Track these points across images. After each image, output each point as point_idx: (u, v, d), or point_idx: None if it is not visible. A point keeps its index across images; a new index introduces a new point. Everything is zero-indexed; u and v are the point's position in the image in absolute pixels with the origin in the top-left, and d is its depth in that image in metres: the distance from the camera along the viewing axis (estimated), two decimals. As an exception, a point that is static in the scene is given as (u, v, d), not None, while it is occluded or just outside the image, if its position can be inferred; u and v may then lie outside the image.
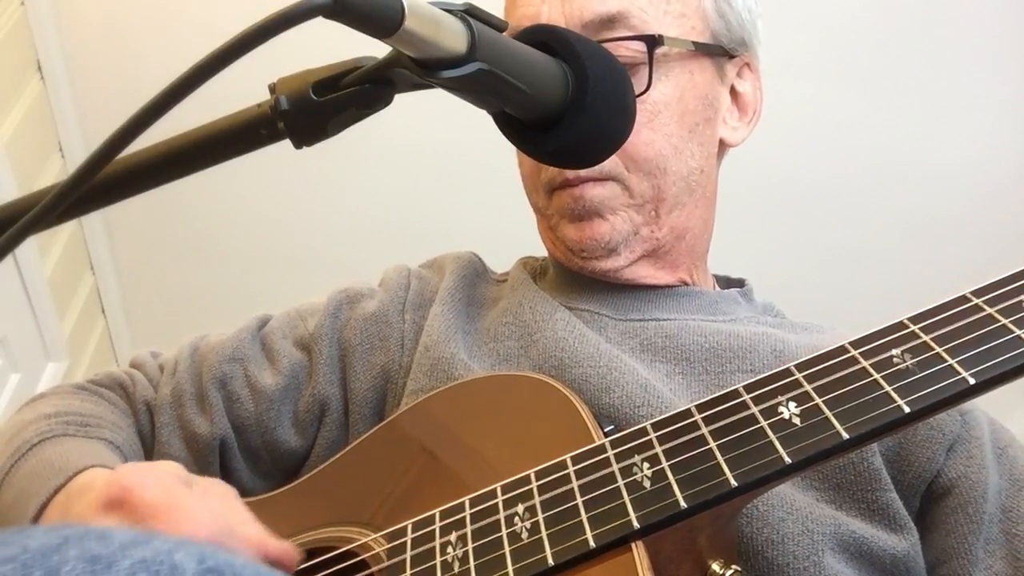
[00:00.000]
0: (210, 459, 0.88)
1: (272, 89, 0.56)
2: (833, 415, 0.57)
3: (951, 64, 2.19)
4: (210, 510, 0.64)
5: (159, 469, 0.67)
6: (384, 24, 0.49)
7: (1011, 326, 0.56)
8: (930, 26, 2.15)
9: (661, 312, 0.89)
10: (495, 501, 0.64)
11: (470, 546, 0.62)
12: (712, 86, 0.89)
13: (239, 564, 0.34)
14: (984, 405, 0.84)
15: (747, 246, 1.88)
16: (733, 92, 0.93)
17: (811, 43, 2.15)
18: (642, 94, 0.83)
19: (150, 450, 0.89)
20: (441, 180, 2.34)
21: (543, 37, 0.66)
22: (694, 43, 0.86)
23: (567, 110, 0.64)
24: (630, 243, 0.87)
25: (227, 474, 0.90)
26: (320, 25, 0.46)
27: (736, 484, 0.57)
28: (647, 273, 0.90)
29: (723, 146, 0.93)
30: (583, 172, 0.84)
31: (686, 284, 0.92)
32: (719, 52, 0.89)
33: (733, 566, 0.61)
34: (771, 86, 0.96)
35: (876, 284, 2.38)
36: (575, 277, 0.92)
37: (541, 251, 0.99)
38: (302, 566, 0.72)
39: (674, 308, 0.89)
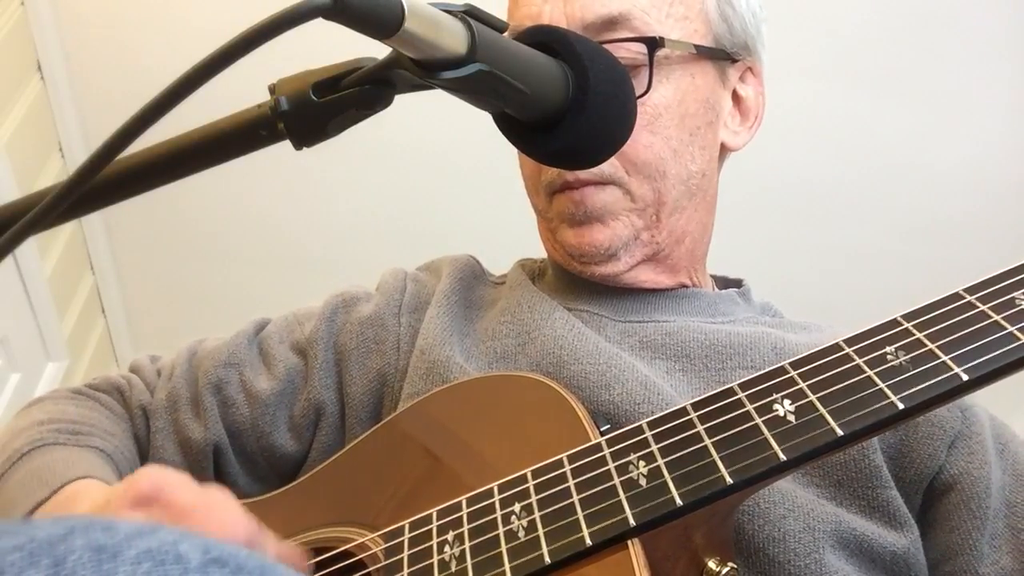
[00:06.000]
0: (203, 464, 0.88)
1: (272, 90, 0.56)
2: (827, 412, 0.58)
3: (953, 65, 2.19)
4: (240, 512, 0.63)
5: (176, 472, 0.65)
6: (384, 25, 0.49)
7: (1003, 322, 0.57)
8: (932, 27, 2.15)
9: (660, 314, 0.89)
10: (492, 500, 0.65)
11: (467, 545, 0.62)
12: (714, 89, 0.89)
13: (243, 555, 0.34)
14: (984, 405, 0.84)
15: (748, 246, 1.89)
16: (735, 96, 0.92)
17: (813, 44, 2.15)
18: (642, 96, 0.82)
19: (145, 454, 0.89)
20: (441, 182, 2.34)
21: (543, 38, 0.66)
22: (696, 46, 0.86)
23: (567, 111, 0.64)
24: (630, 248, 0.87)
25: (222, 479, 0.90)
26: (320, 25, 0.47)
27: (732, 481, 0.57)
28: (647, 277, 0.90)
29: (724, 150, 0.93)
30: (583, 175, 0.84)
31: (686, 287, 0.92)
32: (721, 56, 0.89)
33: (729, 563, 0.61)
34: (773, 86, 0.96)
35: (877, 285, 2.38)
36: (574, 279, 0.92)
37: (539, 253, 0.99)
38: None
39: (673, 310, 0.89)
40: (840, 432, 0.56)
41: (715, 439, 0.60)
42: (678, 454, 0.60)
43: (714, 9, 0.88)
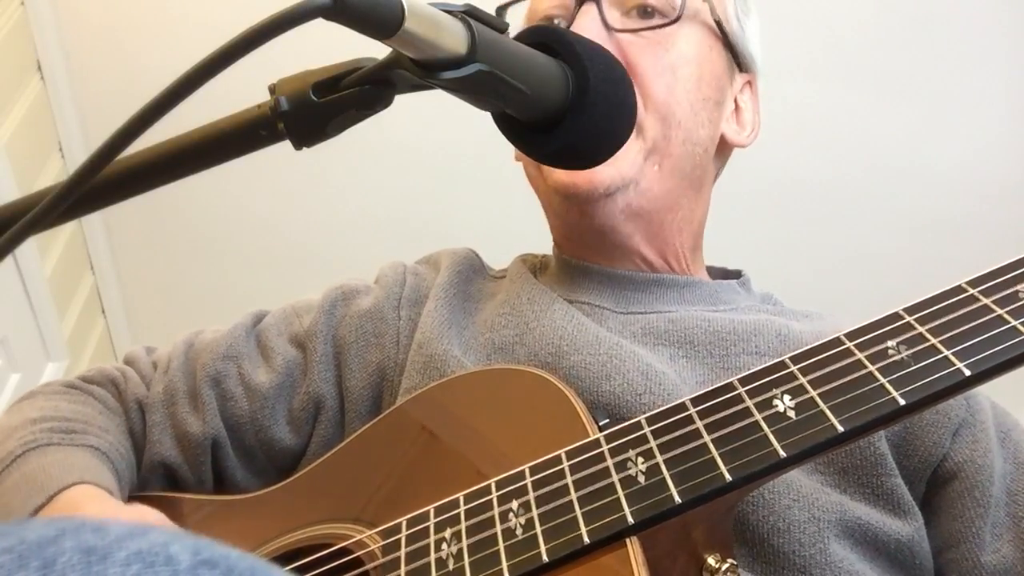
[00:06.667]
0: (201, 458, 0.88)
1: (272, 90, 0.56)
2: (828, 408, 0.57)
3: (952, 64, 2.19)
4: None
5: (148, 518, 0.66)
6: (384, 25, 0.49)
7: (1007, 316, 0.56)
8: (931, 26, 2.15)
9: (662, 304, 0.88)
10: (489, 497, 0.65)
11: (464, 543, 0.62)
12: (723, 77, 0.91)
13: (234, 556, 0.34)
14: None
15: (747, 246, 1.88)
16: (735, 103, 0.94)
17: (812, 43, 2.15)
18: (671, 23, 0.85)
19: (141, 448, 0.89)
20: (441, 181, 2.34)
21: (543, 38, 0.66)
22: (718, 22, 0.88)
23: (568, 111, 0.64)
24: (626, 192, 0.85)
25: (220, 473, 0.90)
26: (320, 25, 0.47)
27: (731, 479, 0.57)
28: (643, 247, 0.89)
29: (723, 143, 0.93)
30: None
31: (682, 273, 0.92)
32: (733, 53, 0.91)
33: (728, 560, 0.61)
34: (773, 86, 0.97)
35: (877, 285, 2.37)
36: (575, 271, 0.92)
37: (539, 249, 0.99)
38: (297, 563, 0.72)
39: (675, 300, 0.89)
40: (841, 429, 0.56)
41: (714, 436, 0.59)
42: (677, 451, 0.60)
43: (732, 12, 0.91)
